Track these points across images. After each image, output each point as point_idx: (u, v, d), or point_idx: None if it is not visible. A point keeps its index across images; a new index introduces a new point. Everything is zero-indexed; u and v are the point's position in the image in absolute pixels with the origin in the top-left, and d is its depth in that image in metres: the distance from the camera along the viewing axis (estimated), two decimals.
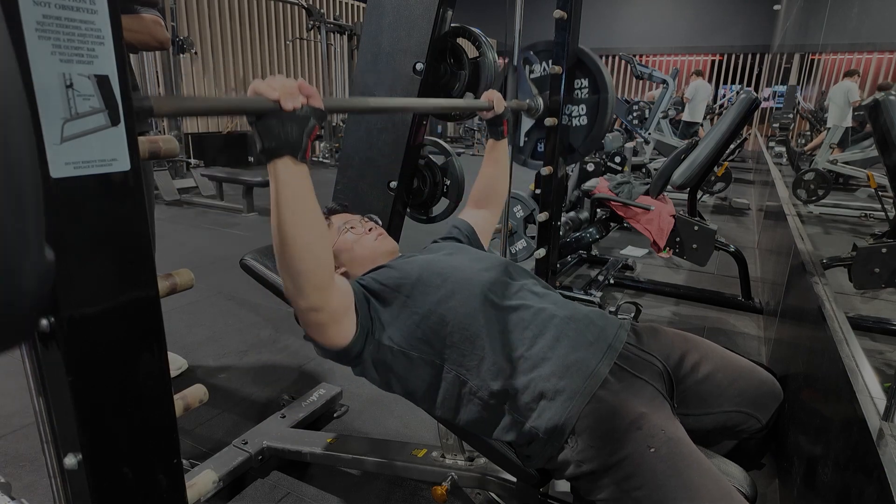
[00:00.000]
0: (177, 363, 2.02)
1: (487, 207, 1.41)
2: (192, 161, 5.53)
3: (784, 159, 5.84)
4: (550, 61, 1.80)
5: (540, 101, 1.67)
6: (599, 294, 2.79)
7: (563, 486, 1.23)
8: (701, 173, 2.70)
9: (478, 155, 9.37)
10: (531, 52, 1.82)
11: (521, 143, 1.87)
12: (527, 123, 1.74)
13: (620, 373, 0.98)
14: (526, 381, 0.96)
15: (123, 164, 0.50)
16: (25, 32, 0.43)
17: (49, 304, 0.48)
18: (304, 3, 7.64)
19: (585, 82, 1.87)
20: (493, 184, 1.41)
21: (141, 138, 0.53)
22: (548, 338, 1.00)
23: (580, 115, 1.90)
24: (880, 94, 1.85)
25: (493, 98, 1.31)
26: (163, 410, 0.58)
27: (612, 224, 3.22)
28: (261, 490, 1.44)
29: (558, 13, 1.74)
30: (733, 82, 11.57)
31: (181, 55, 5.76)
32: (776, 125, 6.63)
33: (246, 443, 1.48)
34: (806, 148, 5.86)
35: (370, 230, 1.22)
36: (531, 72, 1.76)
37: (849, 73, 5.33)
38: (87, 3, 0.46)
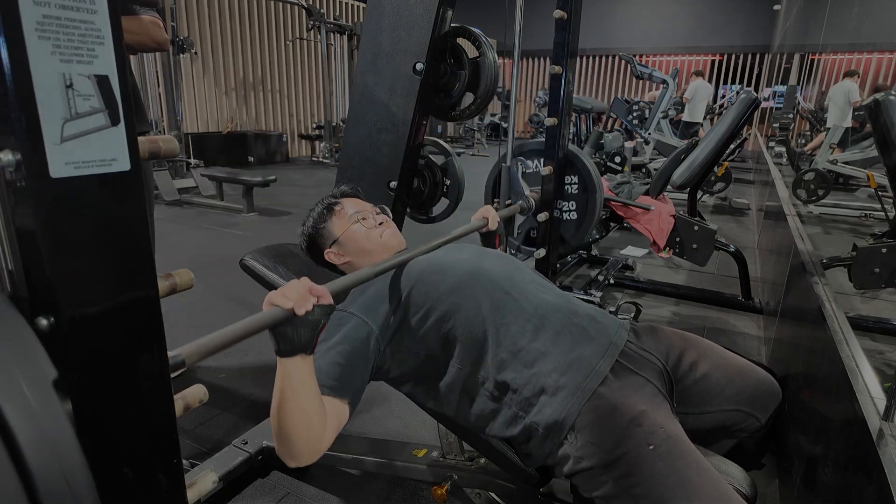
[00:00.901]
0: None
1: None
2: (192, 161, 5.53)
3: (784, 159, 5.84)
4: (542, 159, 1.97)
5: (532, 200, 1.80)
6: (599, 294, 2.79)
7: (562, 486, 1.23)
8: (701, 173, 2.70)
9: (478, 155, 9.37)
10: (521, 158, 1.98)
11: (515, 235, 2.07)
12: (519, 219, 1.88)
13: (621, 370, 0.98)
14: (527, 375, 0.96)
15: (123, 164, 0.50)
16: (25, 32, 0.43)
17: (49, 304, 0.48)
18: (304, 3, 7.64)
19: (575, 179, 2.11)
20: None
21: (141, 138, 0.53)
22: (549, 332, 1.00)
23: (570, 211, 2.14)
24: (880, 94, 1.85)
25: (488, 216, 1.36)
26: (163, 410, 0.58)
27: (611, 224, 3.22)
28: (261, 490, 1.44)
29: (558, 13, 1.74)
30: (733, 82, 11.57)
31: (181, 55, 5.76)
32: (776, 125, 6.63)
33: (246, 443, 1.48)
34: (806, 148, 5.86)
35: (380, 224, 1.21)
36: (523, 172, 1.88)
37: (849, 74, 5.33)
38: (86, 3, 0.46)
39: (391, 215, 1.28)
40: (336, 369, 0.93)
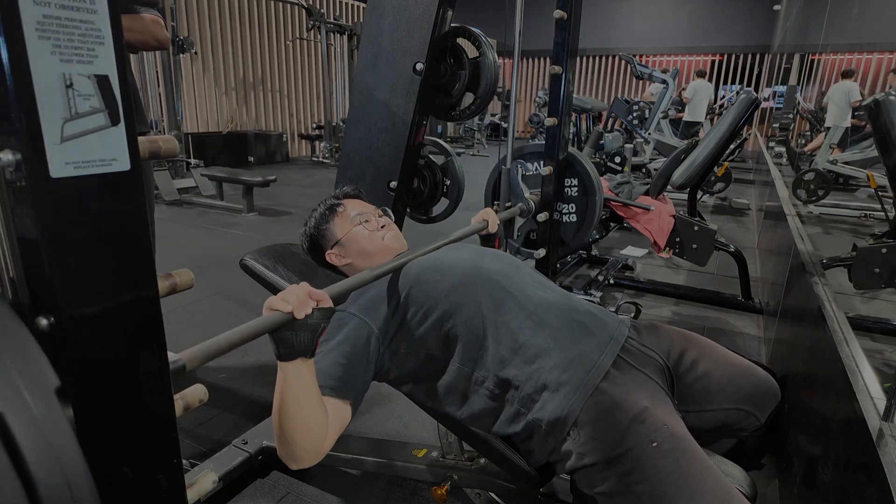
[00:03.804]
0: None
1: None
2: (192, 161, 5.53)
3: (784, 159, 5.84)
4: (542, 162, 1.97)
5: (531, 203, 1.80)
6: (599, 294, 2.79)
7: (562, 486, 1.23)
8: (701, 173, 2.70)
9: (477, 155, 9.36)
10: (521, 160, 1.98)
11: (515, 237, 2.05)
12: (519, 221, 1.88)
13: (623, 366, 0.98)
14: (529, 372, 0.96)
15: (123, 163, 0.50)
16: (25, 32, 0.43)
17: (49, 304, 0.48)
18: (304, 3, 7.64)
19: (575, 182, 2.09)
20: None
21: (141, 138, 0.53)
22: (550, 328, 1.00)
23: (570, 213, 2.12)
24: (880, 94, 1.85)
25: (488, 218, 1.36)
26: (163, 410, 0.58)
27: (611, 224, 3.22)
28: (260, 490, 1.44)
29: (558, 13, 1.74)
30: (733, 82, 11.57)
31: (181, 55, 5.75)
32: (776, 125, 6.63)
33: (246, 442, 1.48)
34: (806, 148, 5.86)
35: (383, 227, 1.21)
36: (523, 175, 1.88)
37: (846, 74, 5.32)
38: (87, 2, 0.46)
39: (393, 217, 1.28)
40: (337, 370, 0.93)
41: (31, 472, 0.41)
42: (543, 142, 1.97)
